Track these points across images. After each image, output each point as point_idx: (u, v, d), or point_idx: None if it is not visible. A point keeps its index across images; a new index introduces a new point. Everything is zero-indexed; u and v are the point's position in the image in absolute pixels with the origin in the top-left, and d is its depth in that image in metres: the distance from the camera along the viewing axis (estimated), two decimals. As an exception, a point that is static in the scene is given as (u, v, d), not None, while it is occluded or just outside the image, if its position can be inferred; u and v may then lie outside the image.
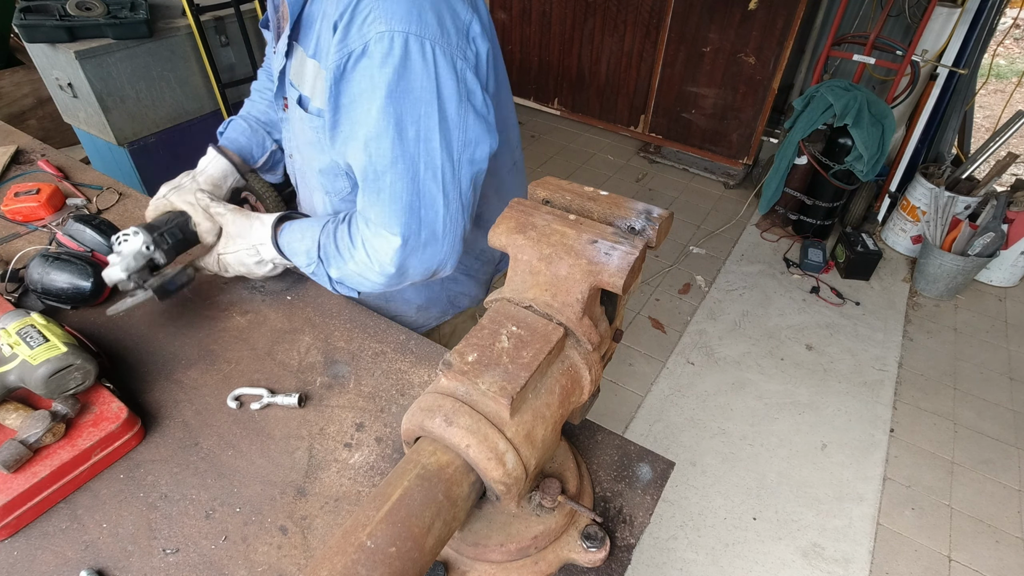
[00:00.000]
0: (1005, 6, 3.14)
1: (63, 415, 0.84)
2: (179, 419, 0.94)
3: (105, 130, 2.38)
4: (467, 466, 0.60)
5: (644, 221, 0.67)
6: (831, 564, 1.87)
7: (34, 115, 3.17)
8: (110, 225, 1.19)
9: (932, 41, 3.00)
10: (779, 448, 2.22)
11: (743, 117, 3.70)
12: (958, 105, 3.27)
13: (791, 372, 2.54)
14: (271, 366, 1.03)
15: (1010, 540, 1.97)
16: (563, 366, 0.67)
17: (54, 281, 1.05)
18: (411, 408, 0.63)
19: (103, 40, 2.21)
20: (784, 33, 3.30)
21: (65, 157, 1.61)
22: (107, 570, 0.75)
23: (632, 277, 0.63)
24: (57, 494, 0.82)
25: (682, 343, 2.66)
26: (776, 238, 3.36)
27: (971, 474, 2.16)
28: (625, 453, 0.92)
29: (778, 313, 2.85)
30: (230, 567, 0.76)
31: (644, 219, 0.67)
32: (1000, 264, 3.00)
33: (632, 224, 0.67)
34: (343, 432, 0.93)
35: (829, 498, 2.06)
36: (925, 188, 2.98)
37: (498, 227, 0.69)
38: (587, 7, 3.90)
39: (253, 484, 0.85)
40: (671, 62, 3.77)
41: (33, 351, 0.84)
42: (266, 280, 1.20)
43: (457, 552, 0.72)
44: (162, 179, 1.15)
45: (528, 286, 0.69)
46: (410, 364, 1.05)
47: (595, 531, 0.75)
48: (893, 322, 2.82)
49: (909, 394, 2.47)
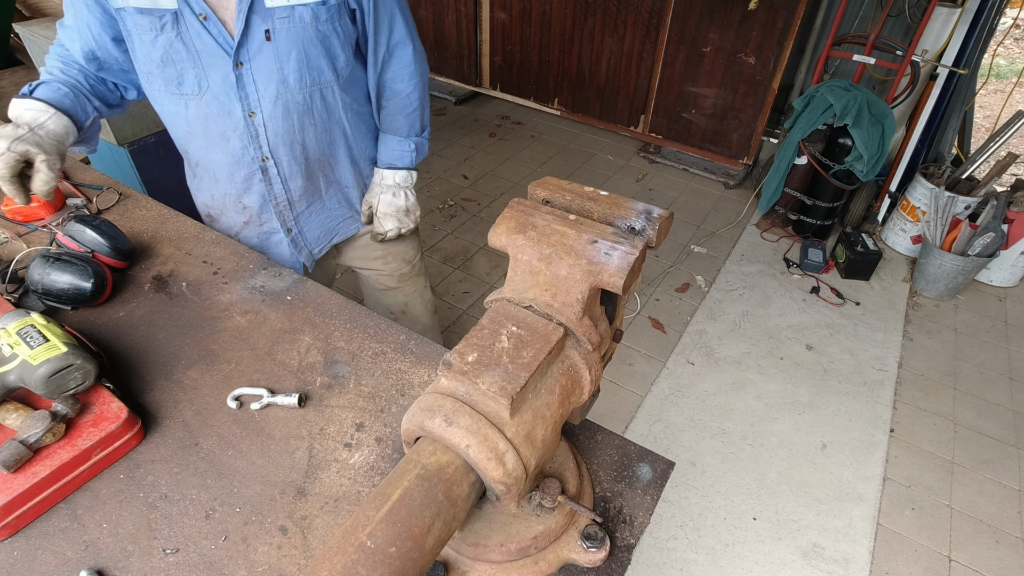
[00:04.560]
0: (1005, 6, 3.14)
1: (63, 415, 0.84)
2: (179, 419, 0.94)
3: (105, 130, 2.38)
4: (467, 466, 0.60)
5: (644, 221, 0.67)
6: (831, 564, 1.87)
7: (34, 115, 3.17)
8: (111, 225, 1.19)
9: (932, 41, 3.00)
10: (779, 448, 2.22)
11: (743, 117, 3.70)
12: (958, 105, 3.27)
13: (791, 372, 2.54)
14: (271, 366, 1.03)
15: (1010, 540, 1.96)
16: (563, 366, 0.67)
17: (54, 282, 1.05)
18: (411, 408, 0.63)
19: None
20: (784, 33, 3.30)
21: (65, 157, 1.61)
22: (107, 570, 0.75)
23: (632, 277, 0.63)
24: (57, 494, 0.82)
25: (682, 343, 2.66)
26: (776, 238, 3.36)
27: (971, 474, 2.16)
28: (625, 453, 0.92)
29: (778, 313, 2.85)
30: (230, 567, 0.76)
31: (644, 219, 0.67)
32: (1000, 264, 3.00)
33: (632, 224, 0.67)
34: (343, 432, 0.93)
35: (829, 498, 2.06)
36: (925, 188, 2.98)
37: (498, 227, 0.69)
38: (587, 7, 3.90)
39: (253, 484, 0.85)
40: (671, 62, 3.77)
41: (33, 351, 0.84)
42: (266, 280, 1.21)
43: (457, 552, 0.72)
44: (162, 179, 1.15)
45: (528, 286, 0.69)
46: (410, 364, 1.05)
47: (595, 531, 0.75)
48: (893, 322, 2.82)
49: (909, 394, 2.47)
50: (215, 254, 1.29)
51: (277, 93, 1.11)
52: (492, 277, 2.97)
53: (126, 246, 1.20)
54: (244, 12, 1.02)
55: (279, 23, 1.05)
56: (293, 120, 1.16)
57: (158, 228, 1.37)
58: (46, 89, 1.08)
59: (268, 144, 1.17)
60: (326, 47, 1.11)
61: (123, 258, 1.19)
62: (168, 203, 1.47)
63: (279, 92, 1.11)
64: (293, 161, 1.21)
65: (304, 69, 1.11)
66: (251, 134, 1.15)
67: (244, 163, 1.19)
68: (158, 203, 1.45)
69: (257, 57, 1.07)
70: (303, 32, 1.07)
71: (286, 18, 1.05)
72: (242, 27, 1.03)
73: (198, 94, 1.09)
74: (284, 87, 1.11)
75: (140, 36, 1.05)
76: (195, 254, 1.29)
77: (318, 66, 1.12)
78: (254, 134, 1.15)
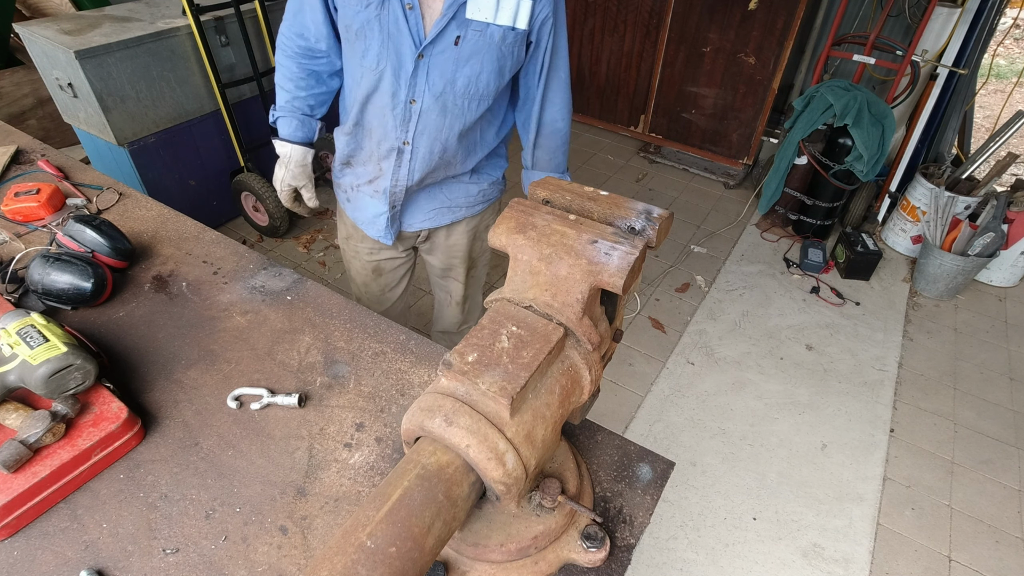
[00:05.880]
0: (1005, 6, 3.14)
1: (63, 415, 0.84)
2: (179, 419, 0.94)
3: (105, 130, 2.38)
4: (467, 466, 0.60)
5: (644, 221, 0.67)
6: (831, 564, 1.87)
7: (34, 115, 3.17)
8: (111, 225, 1.19)
9: (932, 41, 3.00)
10: (779, 448, 2.22)
11: (743, 117, 3.70)
12: (958, 105, 3.27)
13: (791, 372, 2.54)
14: (271, 366, 1.03)
15: (1010, 540, 1.96)
16: (563, 366, 0.67)
17: (55, 282, 1.05)
18: (411, 408, 0.63)
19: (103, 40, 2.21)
20: (784, 33, 3.30)
21: (65, 157, 1.61)
22: (107, 570, 0.75)
23: (632, 277, 0.63)
24: (57, 494, 0.82)
25: (682, 343, 2.66)
26: (776, 238, 3.36)
27: (971, 474, 2.16)
28: (625, 453, 0.92)
29: (778, 313, 2.85)
30: (230, 567, 0.76)
31: (644, 219, 0.67)
32: (1000, 264, 3.00)
33: (632, 224, 0.67)
34: (343, 432, 0.93)
35: (829, 498, 2.06)
36: (925, 188, 2.98)
37: (498, 227, 0.69)
38: (587, 7, 3.90)
39: (253, 484, 0.85)
40: (671, 62, 3.77)
41: (33, 351, 0.84)
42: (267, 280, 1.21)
43: (457, 552, 0.72)
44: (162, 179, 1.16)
45: (528, 286, 0.69)
46: (410, 364, 1.05)
47: (595, 531, 0.75)
48: (893, 322, 2.82)
49: (909, 394, 2.47)
50: (215, 254, 1.29)
51: (443, 91, 1.19)
52: (492, 277, 2.96)
53: (126, 246, 1.20)
54: (448, 16, 1.11)
55: (472, 34, 1.14)
56: (445, 119, 1.23)
57: (158, 228, 1.37)
58: (285, 127, 1.38)
59: (415, 131, 1.25)
60: (499, 66, 1.20)
61: (123, 258, 1.19)
62: (168, 203, 1.47)
63: (444, 91, 1.19)
64: (428, 153, 1.28)
65: (473, 79, 1.19)
66: (405, 117, 1.23)
67: (389, 139, 1.27)
68: (158, 203, 1.45)
69: (439, 56, 1.15)
70: (488, 48, 1.16)
71: (479, 32, 1.14)
72: (442, 27, 1.11)
73: (375, 69, 1.18)
74: (451, 88, 1.19)
75: (346, 8, 1.15)
76: (195, 254, 1.29)
77: (486, 80, 1.20)
78: (407, 118, 1.23)
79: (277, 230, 2.98)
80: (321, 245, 3.07)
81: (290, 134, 1.40)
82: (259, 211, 2.96)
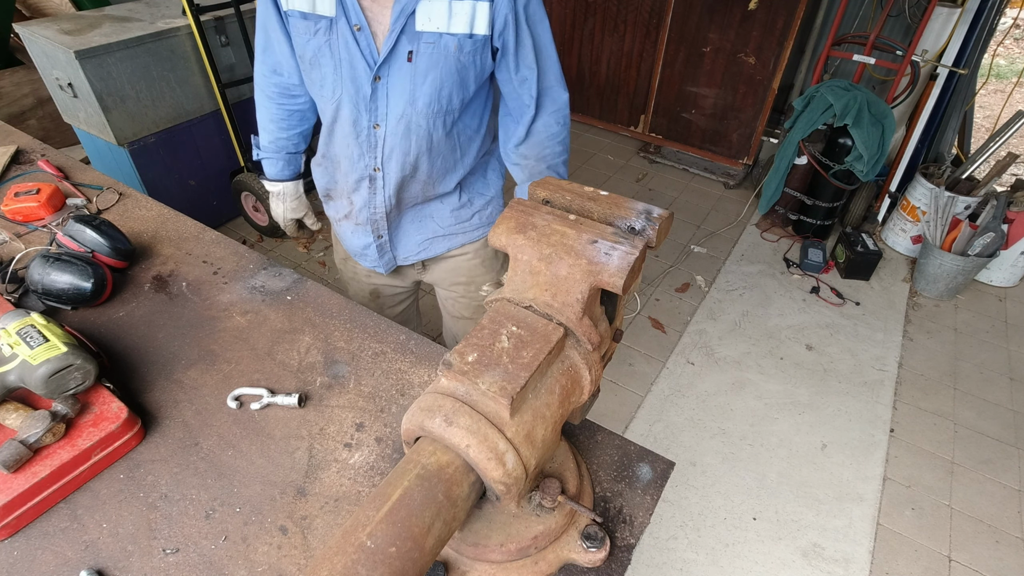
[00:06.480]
0: (1005, 6, 3.14)
1: (63, 415, 0.84)
2: (179, 419, 0.94)
3: (105, 130, 2.38)
4: (467, 466, 0.60)
5: (644, 221, 0.67)
6: (831, 564, 1.87)
7: (34, 115, 3.17)
8: (111, 225, 1.19)
9: (932, 41, 3.00)
10: (779, 448, 2.22)
11: (743, 117, 3.70)
12: (958, 105, 3.27)
13: (791, 372, 2.54)
14: (271, 366, 1.03)
15: (1010, 540, 1.96)
16: (563, 366, 0.67)
17: (55, 282, 1.05)
18: (411, 408, 0.63)
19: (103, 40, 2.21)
20: (784, 33, 3.30)
21: (65, 157, 1.61)
22: (107, 570, 0.75)
23: (632, 277, 0.63)
24: (57, 494, 0.82)
25: (682, 343, 2.66)
26: (776, 238, 3.36)
27: (971, 474, 2.16)
28: (625, 453, 0.92)
29: (778, 313, 2.85)
30: (230, 567, 0.76)
31: (644, 219, 0.67)
32: (1000, 264, 3.00)
33: (632, 224, 0.67)
34: (343, 432, 0.93)
35: (829, 498, 2.06)
36: (925, 188, 2.98)
37: (498, 227, 0.69)
38: (587, 7, 3.90)
39: (253, 484, 0.85)
40: (671, 62, 3.77)
41: (33, 351, 0.84)
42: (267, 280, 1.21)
43: (457, 552, 0.72)
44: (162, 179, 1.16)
45: (528, 286, 0.69)
46: (410, 364, 1.05)
47: (595, 531, 0.75)
48: (893, 322, 2.82)
49: (909, 394, 2.47)
50: (215, 254, 1.29)
51: (403, 112, 1.14)
52: (492, 277, 2.96)
53: (126, 246, 1.20)
54: (396, 31, 1.05)
55: (424, 47, 1.07)
56: (411, 140, 1.18)
57: (158, 228, 1.37)
58: (271, 167, 1.40)
59: (382, 156, 1.20)
60: (461, 77, 1.12)
61: (123, 258, 1.19)
62: (168, 203, 1.47)
63: (405, 111, 1.14)
64: (401, 177, 1.23)
65: (434, 95, 1.13)
66: (370, 144, 1.19)
67: (358, 168, 1.23)
68: (158, 203, 1.45)
69: (395, 75, 1.10)
70: (444, 60, 1.09)
71: (432, 44, 1.07)
72: (392, 44, 1.06)
73: (333, 98, 1.15)
74: (412, 108, 1.13)
75: (297, 38, 1.12)
76: (195, 254, 1.29)
77: (448, 95, 1.14)
78: (372, 144, 1.19)
79: (277, 230, 2.99)
80: (321, 245, 3.07)
81: (277, 174, 1.38)
82: (259, 211, 2.96)
